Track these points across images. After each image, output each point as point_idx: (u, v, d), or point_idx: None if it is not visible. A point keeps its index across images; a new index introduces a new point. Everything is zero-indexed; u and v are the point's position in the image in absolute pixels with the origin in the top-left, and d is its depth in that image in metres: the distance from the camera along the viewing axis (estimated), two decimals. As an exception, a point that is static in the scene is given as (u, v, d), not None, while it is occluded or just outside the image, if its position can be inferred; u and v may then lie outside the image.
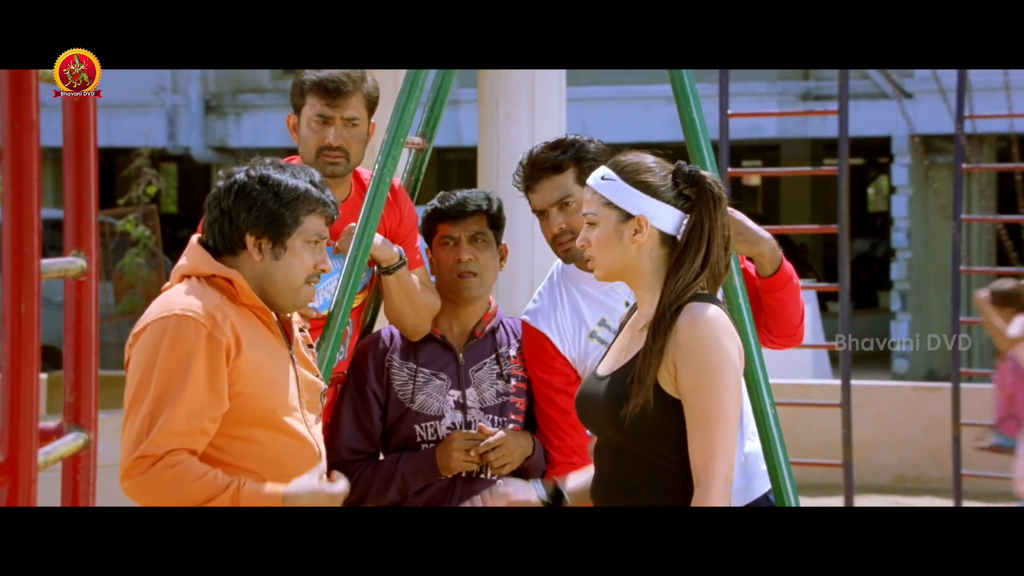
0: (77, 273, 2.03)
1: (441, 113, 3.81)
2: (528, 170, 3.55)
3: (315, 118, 3.58)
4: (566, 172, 3.52)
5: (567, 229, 3.49)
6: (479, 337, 3.60)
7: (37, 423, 1.87)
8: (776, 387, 3.72)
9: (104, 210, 12.59)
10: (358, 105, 3.59)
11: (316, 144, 3.58)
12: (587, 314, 3.56)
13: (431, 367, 3.58)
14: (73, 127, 2.04)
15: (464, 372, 3.57)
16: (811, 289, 10.32)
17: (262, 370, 2.93)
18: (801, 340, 3.69)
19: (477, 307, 3.61)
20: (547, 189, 3.52)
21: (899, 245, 15.22)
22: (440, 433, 3.54)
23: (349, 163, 3.61)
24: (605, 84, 14.68)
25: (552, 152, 3.53)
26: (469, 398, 3.55)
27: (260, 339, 2.95)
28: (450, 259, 3.57)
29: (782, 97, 14.87)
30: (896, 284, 15.30)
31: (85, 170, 2.04)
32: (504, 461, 3.49)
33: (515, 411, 3.57)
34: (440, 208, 3.61)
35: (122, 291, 12.56)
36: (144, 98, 16.47)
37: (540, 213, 3.55)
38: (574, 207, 3.47)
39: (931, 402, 9.66)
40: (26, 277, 1.86)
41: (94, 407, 2.05)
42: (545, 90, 5.89)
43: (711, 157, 3.55)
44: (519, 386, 3.58)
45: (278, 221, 2.96)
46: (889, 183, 15.95)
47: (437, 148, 4.56)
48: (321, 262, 3.01)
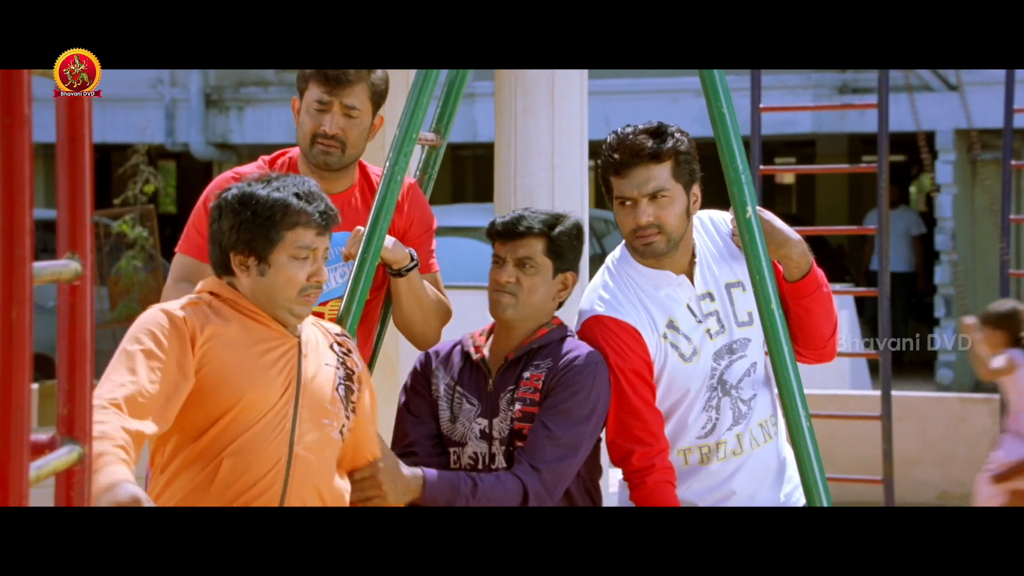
0: (71, 277, 2.03)
1: (456, 108, 3.82)
2: (621, 155, 3.53)
3: (313, 103, 3.59)
4: (664, 163, 3.53)
5: (655, 223, 3.52)
6: (510, 359, 3.54)
7: (28, 436, 1.88)
8: (811, 398, 3.72)
9: (99, 210, 12.62)
10: (360, 95, 3.59)
11: (311, 130, 3.59)
12: (656, 314, 3.58)
13: (464, 387, 3.55)
14: (67, 122, 2.04)
15: (493, 400, 3.52)
16: (848, 294, 10.30)
17: (230, 364, 3.05)
18: (833, 356, 3.69)
19: (518, 331, 3.54)
20: (642, 178, 3.52)
21: (943, 247, 15.17)
22: (463, 462, 3.50)
23: (344, 155, 3.59)
24: (629, 76, 14.67)
25: (652, 140, 3.53)
26: (495, 428, 3.50)
27: (249, 339, 3.08)
28: (492, 277, 3.55)
29: (817, 90, 14.85)
30: (940, 289, 15.25)
31: (79, 168, 2.04)
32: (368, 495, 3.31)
33: (520, 438, 3.49)
34: (493, 224, 3.58)
35: (118, 296, 12.58)
36: (141, 92, 16.51)
37: (622, 201, 3.55)
38: (666, 201, 3.51)
39: (978, 415, 9.62)
40: (17, 281, 1.86)
41: (89, 419, 2.06)
42: (565, 83, 5.89)
43: (742, 154, 3.56)
44: (527, 411, 3.49)
45: (257, 239, 3.10)
46: (932, 181, 15.91)
47: (451, 144, 4.56)
48: (315, 274, 3.11)
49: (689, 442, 3.60)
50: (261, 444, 3.07)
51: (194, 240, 3.58)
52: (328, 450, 3.16)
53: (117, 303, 12.55)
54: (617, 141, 3.54)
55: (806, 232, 3.65)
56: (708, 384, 3.58)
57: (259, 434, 3.07)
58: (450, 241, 9.89)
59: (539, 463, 3.40)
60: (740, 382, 3.60)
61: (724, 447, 3.59)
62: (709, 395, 3.58)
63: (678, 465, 3.59)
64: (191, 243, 3.60)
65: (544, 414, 3.45)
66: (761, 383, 3.65)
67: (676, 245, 3.57)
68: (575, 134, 5.81)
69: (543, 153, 5.74)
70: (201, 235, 3.51)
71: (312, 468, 3.11)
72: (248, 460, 3.06)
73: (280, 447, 3.08)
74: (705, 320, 3.60)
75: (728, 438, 3.59)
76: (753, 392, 3.62)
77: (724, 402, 3.59)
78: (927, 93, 14.64)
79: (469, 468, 3.49)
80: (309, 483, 3.11)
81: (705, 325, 3.59)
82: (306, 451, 3.10)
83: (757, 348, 3.64)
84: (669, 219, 3.54)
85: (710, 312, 3.60)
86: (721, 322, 3.61)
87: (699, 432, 3.60)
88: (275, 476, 3.07)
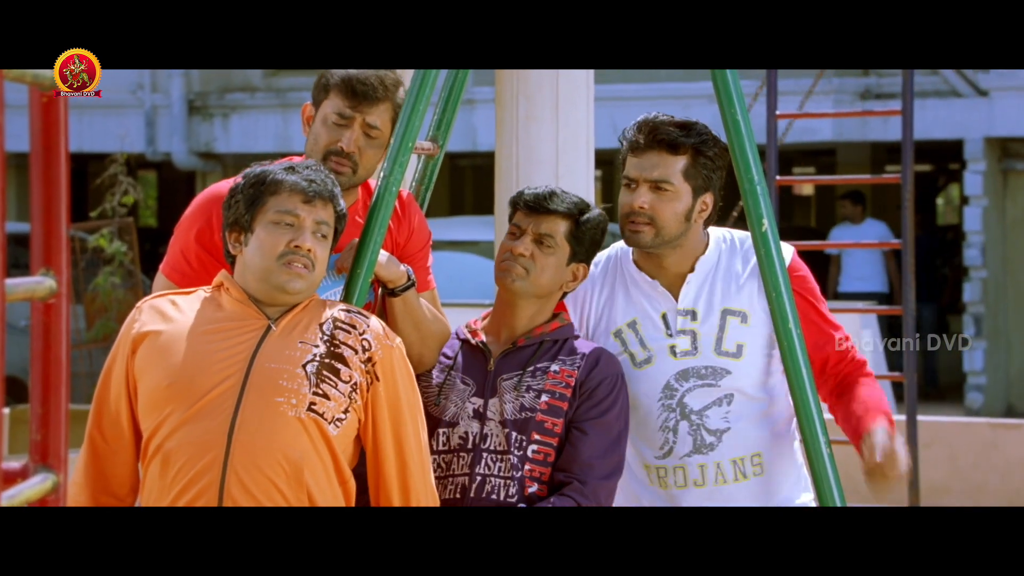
0: (45, 294, 2.03)
1: (454, 114, 3.83)
2: (643, 135, 3.60)
3: (333, 115, 3.57)
4: (680, 156, 3.59)
5: (648, 212, 3.57)
6: (519, 345, 3.60)
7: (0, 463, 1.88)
8: (832, 423, 3.72)
9: (75, 224, 12.63)
10: (384, 115, 3.59)
11: (327, 144, 3.56)
12: (621, 310, 3.66)
13: (460, 369, 3.61)
14: (41, 130, 2.05)
15: (491, 380, 3.57)
16: (872, 312, 10.30)
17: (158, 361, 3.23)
18: None
19: (520, 310, 3.61)
20: (652, 162, 3.59)
21: (973, 263, 15.17)
22: (452, 443, 3.55)
23: (355, 175, 3.59)
24: (638, 81, 14.70)
25: (676, 129, 3.59)
26: (490, 408, 3.55)
27: (205, 327, 3.24)
28: (506, 247, 3.61)
29: (838, 96, 14.86)
30: (969, 307, 15.24)
31: (55, 178, 2.04)
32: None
33: (541, 431, 3.54)
34: (522, 194, 3.64)
35: (94, 315, 12.57)
36: (120, 97, 16.52)
37: (628, 183, 3.61)
38: (667, 195, 3.57)
39: (1010, 441, 9.61)
40: (-12, 299, 1.86)
41: (64, 445, 2.06)
42: (571, 88, 5.90)
43: (757, 163, 3.56)
44: (554, 404, 3.54)
45: (240, 211, 3.28)
46: (961, 192, 15.91)
47: (449, 154, 4.57)
48: (295, 240, 3.23)
49: (650, 460, 3.68)
50: (197, 429, 3.17)
51: (178, 263, 3.55)
52: (280, 429, 3.19)
53: (94, 322, 12.53)
54: (643, 121, 3.63)
55: (826, 247, 3.66)
56: (663, 402, 3.65)
57: (194, 419, 3.18)
58: (448, 256, 9.89)
59: (590, 478, 3.49)
60: (705, 410, 3.64)
61: (683, 473, 3.65)
62: (666, 415, 3.65)
63: (643, 479, 3.69)
64: (175, 267, 3.56)
65: (590, 427, 3.53)
66: (745, 419, 3.66)
67: (668, 246, 3.61)
68: (581, 143, 5.83)
69: (547, 163, 5.75)
70: (186, 258, 3.51)
71: (256, 448, 3.17)
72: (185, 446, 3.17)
73: (219, 430, 3.17)
74: (676, 336, 3.63)
75: (688, 465, 3.65)
76: (727, 425, 3.65)
77: (682, 426, 3.64)
78: (955, 99, 14.66)
79: (458, 448, 3.55)
80: (252, 464, 3.16)
81: (673, 341, 3.63)
82: (248, 433, 3.16)
83: (742, 382, 3.65)
84: (664, 214, 3.58)
85: (685, 330, 3.64)
86: (696, 344, 3.64)
87: (656, 452, 3.68)
88: (214, 459, 3.15)
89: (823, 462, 3.51)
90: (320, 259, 3.27)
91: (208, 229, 3.51)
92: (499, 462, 3.52)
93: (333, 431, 3.22)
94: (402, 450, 3.30)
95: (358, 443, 3.32)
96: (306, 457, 3.19)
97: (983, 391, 14.95)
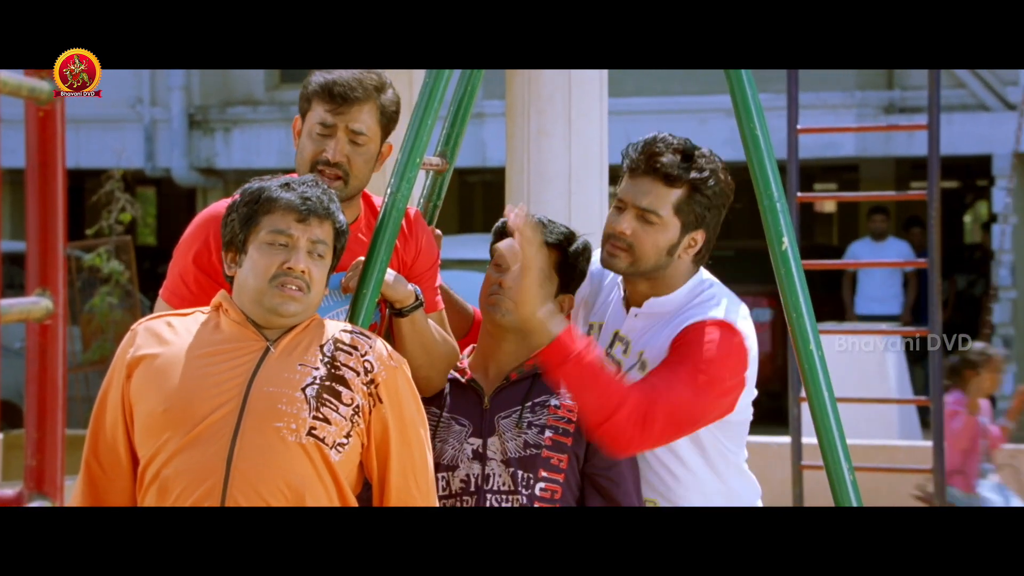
0: (41, 315, 2.04)
1: (463, 129, 3.83)
2: (641, 158, 3.58)
3: (317, 126, 3.54)
4: (674, 188, 3.57)
5: (628, 238, 3.56)
6: (512, 380, 3.59)
7: (-6, 489, 1.88)
8: (856, 449, 3.72)
9: (71, 242, 12.64)
10: (368, 118, 3.55)
11: (312, 156, 3.54)
12: (599, 307, 3.72)
13: (453, 411, 3.60)
14: (38, 146, 2.05)
15: (488, 418, 3.56)
16: (896, 334, 10.28)
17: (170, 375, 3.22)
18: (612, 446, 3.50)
19: (508, 344, 3.61)
20: (644, 189, 3.58)
21: (1002, 283, 15.14)
22: (453, 487, 3.54)
23: (347, 186, 3.55)
24: (653, 95, 14.70)
25: (675, 159, 3.56)
26: (491, 448, 3.54)
27: (201, 350, 3.24)
28: (491, 280, 3.61)
29: (861, 109, 14.86)
30: (998, 328, 15.21)
31: (51, 196, 2.05)
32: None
33: (549, 467, 3.52)
34: (504, 224, 3.64)
35: (91, 336, 12.58)
36: (118, 112, 16.56)
37: (618, 203, 3.61)
38: (652, 227, 3.55)
39: (1039, 467, 9.58)
40: (-17, 320, 1.87)
41: (60, 472, 2.06)
42: (583, 101, 5.90)
43: (777, 179, 3.56)
44: (558, 439, 3.54)
45: (235, 230, 3.29)
46: (989, 209, 15.90)
47: (458, 169, 4.58)
48: (288, 261, 3.24)
49: None
50: (196, 456, 3.17)
51: (177, 287, 3.54)
52: (280, 455, 3.18)
53: (90, 344, 12.53)
54: (648, 142, 3.60)
55: (848, 266, 3.65)
56: None
57: (192, 445, 3.17)
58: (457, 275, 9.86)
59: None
60: None
61: None
62: None
63: None
64: (174, 291, 3.54)
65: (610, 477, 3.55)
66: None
67: (644, 275, 3.59)
68: (594, 158, 5.83)
69: (559, 178, 5.76)
70: (185, 282, 3.50)
71: (256, 475, 3.16)
72: (183, 473, 3.17)
73: (218, 457, 3.16)
74: (609, 358, 3.65)
75: None
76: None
77: None
78: (983, 113, 14.65)
79: (461, 493, 3.54)
80: (252, 491, 3.16)
81: (610, 360, 3.63)
82: (247, 460, 3.16)
83: None
84: (644, 244, 3.56)
85: (615, 357, 3.64)
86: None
87: None
88: (213, 486, 3.15)
89: (846, 490, 3.50)
90: (316, 279, 3.27)
91: (206, 251, 3.50)
92: (506, 503, 3.51)
93: (335, 456, 3.22)
94: (406, 474, 3.29)
95: (362, 468, 3.31)
96: (308, 483, 3.19)
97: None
